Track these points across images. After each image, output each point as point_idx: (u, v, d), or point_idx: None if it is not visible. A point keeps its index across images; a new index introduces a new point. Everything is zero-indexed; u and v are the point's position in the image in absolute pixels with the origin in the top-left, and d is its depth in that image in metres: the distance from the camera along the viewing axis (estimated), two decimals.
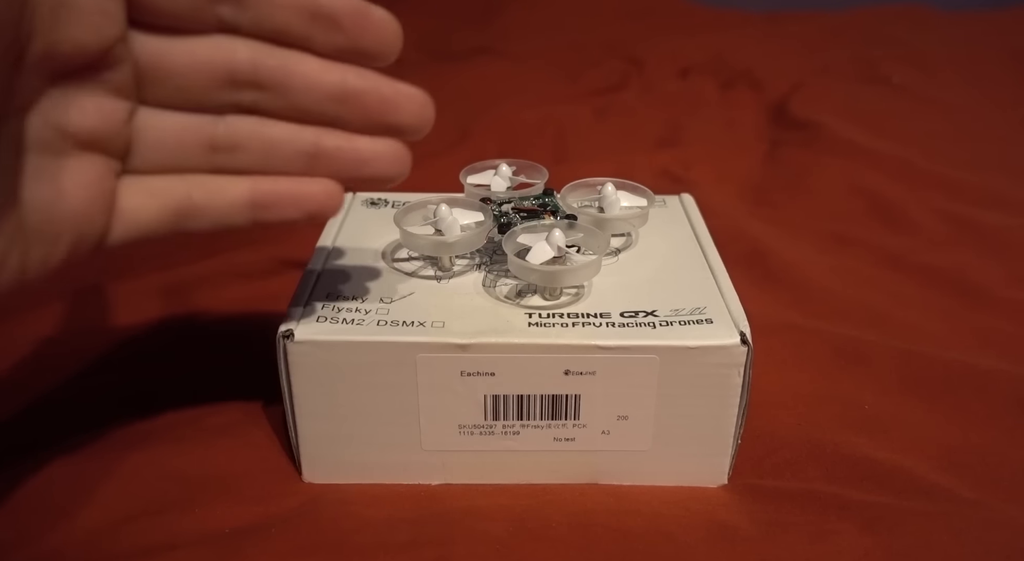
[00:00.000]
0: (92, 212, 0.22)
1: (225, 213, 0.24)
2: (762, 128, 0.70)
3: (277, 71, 0.23)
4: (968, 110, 0.73)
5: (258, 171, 0.24)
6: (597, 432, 0.29)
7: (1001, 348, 0.39)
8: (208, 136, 0.23)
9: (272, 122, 0.24)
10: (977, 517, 0.29)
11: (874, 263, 0.47)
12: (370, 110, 0.23)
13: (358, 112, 0.23)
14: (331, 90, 0.23)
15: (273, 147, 0.24)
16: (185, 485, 0.30)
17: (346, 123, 0.24)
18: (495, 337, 0.27)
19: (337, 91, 0.23)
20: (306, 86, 0.23)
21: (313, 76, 0.23)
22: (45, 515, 0.28)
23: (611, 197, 0.34)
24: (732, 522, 0.29)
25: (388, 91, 0.24)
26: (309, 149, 0.24)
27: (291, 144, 0.24)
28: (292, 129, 0.24)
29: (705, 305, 0.29)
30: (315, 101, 0.23)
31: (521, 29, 0.96)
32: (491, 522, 0.28)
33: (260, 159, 0.24)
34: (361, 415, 0.29)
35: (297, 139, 0.24)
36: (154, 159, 0.23)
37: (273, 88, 0.23)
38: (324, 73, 0.23)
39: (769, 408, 0.34)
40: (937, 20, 1.01)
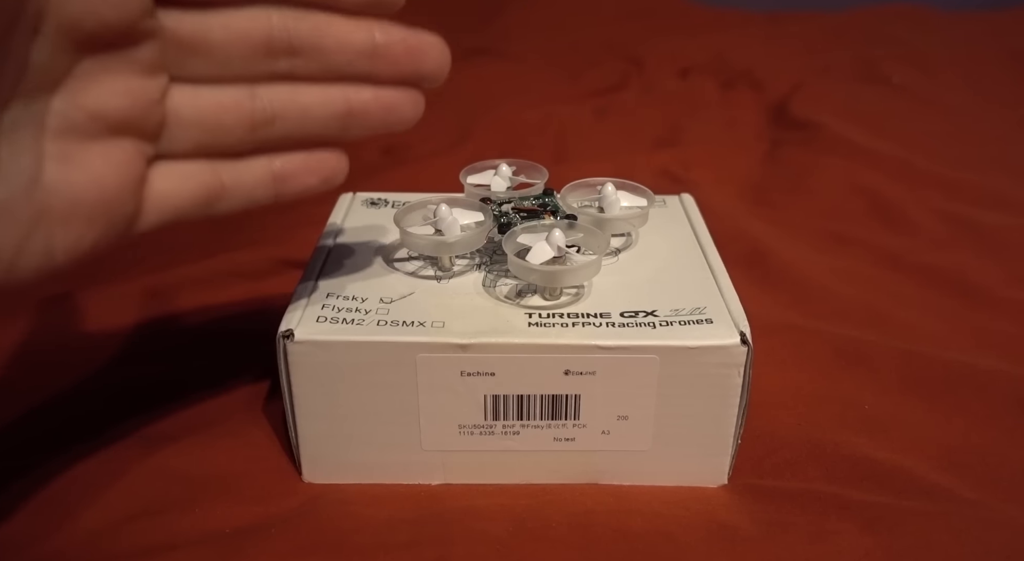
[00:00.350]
0: (123, 197, 0.22)
1: (251, 191, 0.25)
2: (762, 128, 0.70)
3: (312, 34, 0.23)
4: (968, 110, 0.73)
5: (296, 140, 0.24)
6: (597, 432, 0.29)
7: (1001, 348, 0.39)
8: (248, 112, 0.23)
9: (304, 86, 0.24)
10: (977, 517, 0.29)
11: (874, 263, 0.47)
12: (399, 61, 0.24)
13: (388, 65, 0.24)
14: (362, 47, 0.24)
15: (308, 113, 0.24)
16: (185, 485, 0.30)
17: (376, 77, 0.24)
18: (495, 337, 0.27)
19: (368, 47, 0.24)
20: (339, 46, 0.23)
21: (344, 36, 0.23)
22: (45, 515, 0.28)
23: (611, 197, 0.34)
24: (732, 522, 0.29)
25: (414, 40, 0.24)
26: (342, 109, 0.24)
27: (325, 107, 0.24)
28: (323, 91, 0.24)
29: (705, 305, 0.29)
30: (348, 59, 0.24)
31: (521, 29, 0.96)
32: (491, 522, 0.28)
33: (297, 127, 0.24)
34: (361, 415, 0.29)
35: (330, 101, 0.24)
36: (191, 139, 0.23)
37: (308, 52, 0.23)
38: (354, 31, 0.23)
39: (769, 408, 0.34)
40: (937, 20, 1.01)
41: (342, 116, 0.24)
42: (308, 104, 0.24)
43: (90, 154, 0.21)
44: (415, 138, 0.65)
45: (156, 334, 0.40)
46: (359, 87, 0.24)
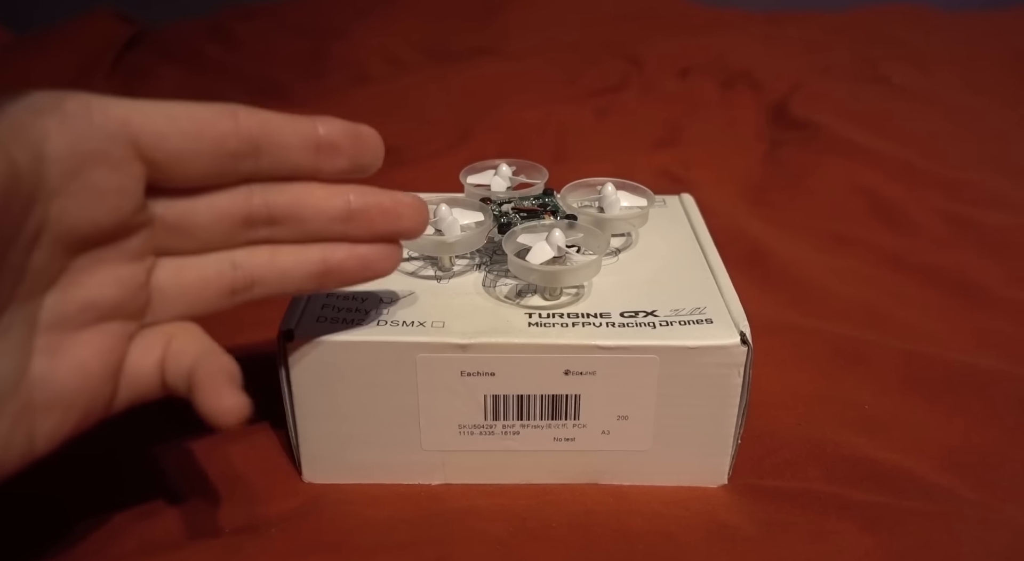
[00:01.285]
0: (105, 381, 0.22)
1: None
2: (762, 128, 0.70)
3: (290, 206, 0.24)
4: (968, 110, 0.73)
5: (274, 296, 0.25)
6: (597, 432, 0.29)
7: (1001, 348, 0.39)
8: (228, 282, 0.24)
9: (282, 249, 0.25)
10: (977, 517, 0.29)
11: (874, 263, 0.47)
12: (374, 224, 0.25)
13: (364, 227, 0.25)
14: (338, 213, 0.25)
15: (287, 274, 0.25)
16: (185, 485, 0.30)
17: (351, 237, 0.25)
18: (495, 337, 0.27)
19: (343, 213, 0.25)
20: (316, 214, 0.24)
21: (321, 204, 0.24)
22: (47, 515, 0.28)
23: (611, 197, 0.34)
24: (732, 522, 0.29)
25: (388, 203, 0.25)
26: (319, 268, 0.25)
27: (303, 267, 0.25)
28: (300, 252, 0.25)
29: (705, 305, 0.29)
30: (324, 225, 0.25)
31: (521, 29, 0.96)
32: (491, 522, 0.28)
33: (276, 288, 0.25)
34: (361, 415, 0.29)
35: (307, 261, 0.25)
36: (174, 309, 0.24)
37: (285, 222, 0.24)
38: (330, 198, 0.25)
39: (769, 408, 0.34)
40: (937, 20, 1.01)
41: (319, 274, 0.25)
42: (286, 266, 0.25)
43: (77, 344, 0.21)
44: (415, 138, 0.65)
45: None
46: (335, 246, 0.25)
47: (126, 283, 0.22)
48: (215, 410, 0.22)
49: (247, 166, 0.23)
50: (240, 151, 0.23)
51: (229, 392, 0.22)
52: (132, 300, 0.22)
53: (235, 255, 0.24)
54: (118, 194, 0.21)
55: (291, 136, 0.24)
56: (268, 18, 0.96)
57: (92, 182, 0.20)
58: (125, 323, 0.23)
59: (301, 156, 0.24)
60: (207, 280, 0.24)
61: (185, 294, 0.24)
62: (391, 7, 1.00)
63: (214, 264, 0.24)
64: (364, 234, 0.25)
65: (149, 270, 0.23)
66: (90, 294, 0.21)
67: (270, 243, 0.25)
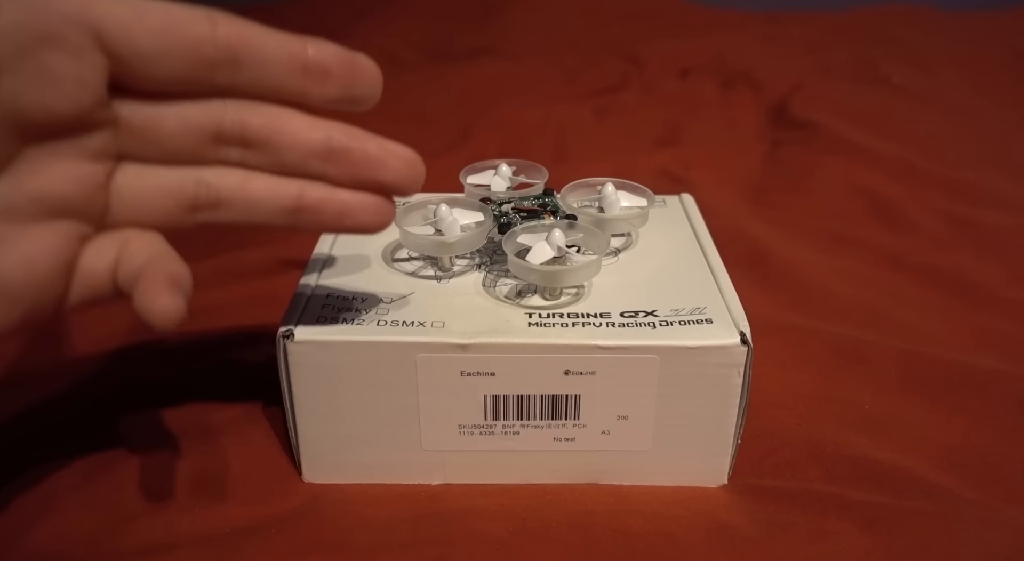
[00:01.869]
0: (53, 280, 0.21)
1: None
2: (762, 128, 0.70)
3: (263, 129, 0.23)
4: (968, 110, 0.73)
5: (243, 225, 0.24)
6: (597, 432, 0.29)
7: (1001, 348, 0.39)
8: (190, 196, 0.23)
9: (256, 176, 0.24)
10: (977, 517, 0.29)
11: (874, 263, 0.47)
12: (355, 167, 0.24)
13: (343, 168, 0.24)
14: (316, 147, 0.23)
15: (256, 203, 0.24)
16: (185, 485, 0.30)
17: (331, 178, 0.24)
18: (495, 337, 0.27)
19: (322, 148, 0.23)
20: (292, 143, 0.23)
21: (299, 133, 0.23)
22: (45, 515, 0.28)
23: (611, 197, 0.34)
24: (732, 522, 0.29)
25: (374, 148, 0.24)
26: (291, 205, 0.24)
27: (274, 200, 0.24)
28: (275, 183, 0.24)
29: (705, 305, 0.29)
30: (300, 157, 0.23)
31: (521, 29, 0.96)
32: (491, 522, 0.28)
33: (243, 215, 0.24)
34: (361, 415, 0.29)
35: (280, 194, 0.24)
36: (129, 216, 0.23)
37: (259, 146, 0.23)
38: (310, 130, 0.23)
39: (769, 408, 0.34)
40: (937, 20, 1.01)
41: (292, 210, 0.24)
42: (257, 194, 0.24)
43: (25, 237, 0.21)
44: (415, 138, 0.64)
45: (155, 333, 0.40)
46: (315, 184, 0.24)
47: (84, 182, 0.21)
48: (148, 308, 0.21)
49: (223, 78, 0.22)
50: (216, 59, 0.21)
51: (167, 293, 0.21)
52: (89, 201, 0.22)
53: (203, 172, 0.23)
54: (76, 83, 0.20)
55: (275, 52, 0.22)
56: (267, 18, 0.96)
57: (47, 65, 0.19)
58: (80, 224, 0.22)
59: (285, 76, 0.22)
60: (168, 190, 0.23)
61: (143, 201, 0.23)
62: (391, 7, 1.00)
63: (178, 176, 0.23)
64: (344, 177, 0.24)
65: (110, 172, 0.22)
66: (42, 187, 0.21)
67: (244, 168, 0.23)
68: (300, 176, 0.24)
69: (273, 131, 0.23)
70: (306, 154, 0.23)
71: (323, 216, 0.24)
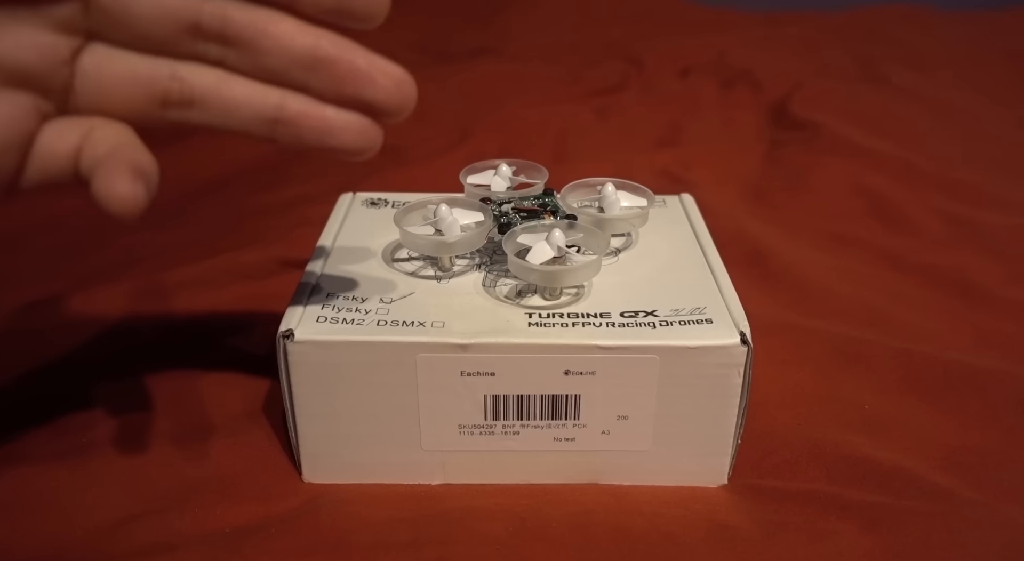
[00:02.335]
0: (7, 150, 0.20)
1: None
2: (762, 128, 0.70)
3: (247, 28, 0.22)
4: (968, 110, 0.73)
5: (218, 129, 0.23)
6: (597, 432, 0.29)
7: (1001, 348, 0.39)
8: (162, 89, 0.22)
9: (235, 78, 0.22)
10: (977, 517, 0.29)
11: (874, 263, 0.47)
12: (341, 80, 0.22)
13: (327, 80, 0.22)
14: (301, 54, 0.22)
15: (232, 107, 0.22)
16: (185, 485, 0.30)
17: (314, 91, 0.22)
18: (495, 337, 0.27)
19: (308, 56, 0.22)
20: (275, 47, 0.22)
21: (284, 37, 0.22)
22: (45, 515, 0.28)
23: (611, 197, 0.34)
24: (732, 522, 0.29)
25: (362, 63, 0.22)
26: (271, 113, 0.22)
27: (251, 107, 0.22)
28: (255, 89, 0.22)
29: (705, 305, 0.29)
30: (283, 64, 0.22)
31: (521, 29, 0.96)
32: (491, 522, 0.28)
33: (218, 118, 0.22)
34: (361, 415, 0.29)
35: (259, 101, 0.22)
36: (95, 101, 0.22)
37: (240, 45, 0.22)
38: (297, 35, 0.22)
39: (769, 408, 0.34)
40: (937, 20, 1.01)
41: (271, 120, 0.23)
42: (235, 97, 0.22)
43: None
44: (415, 138, 0.65)
45: (156, 334, 0.40)
46: (296, 95, 0.22)
47: (45, 52, 0.20)
48: (106, 194, 0.20)
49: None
50: None
51: (129, 179, 0.20)
52: (50, 74, 0.21)
53: (178, 66, 0.22)
54: None
55: None
56: None
57: None
58: (38, 98, 0.21)
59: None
60: (138, 79, 0.22)
61: (111, 86, 0.22)
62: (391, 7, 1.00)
63: (150, 65, 0.22)
64: (328, 91, 0.22)
65: (76, 50, 0.21)
66: (3, 52, 0.20)
67: (223, 69, 0.22)
68: (282, 85, 0.22)
69: (257, 30, 0.22)
70: (290, 60, 0.22)
71: (303, 131, 0.23)
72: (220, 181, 0.59)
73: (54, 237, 0.50)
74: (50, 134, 0.21)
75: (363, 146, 0.23)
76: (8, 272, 0.46)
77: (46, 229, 0.51)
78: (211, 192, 0.57)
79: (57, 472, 0.30)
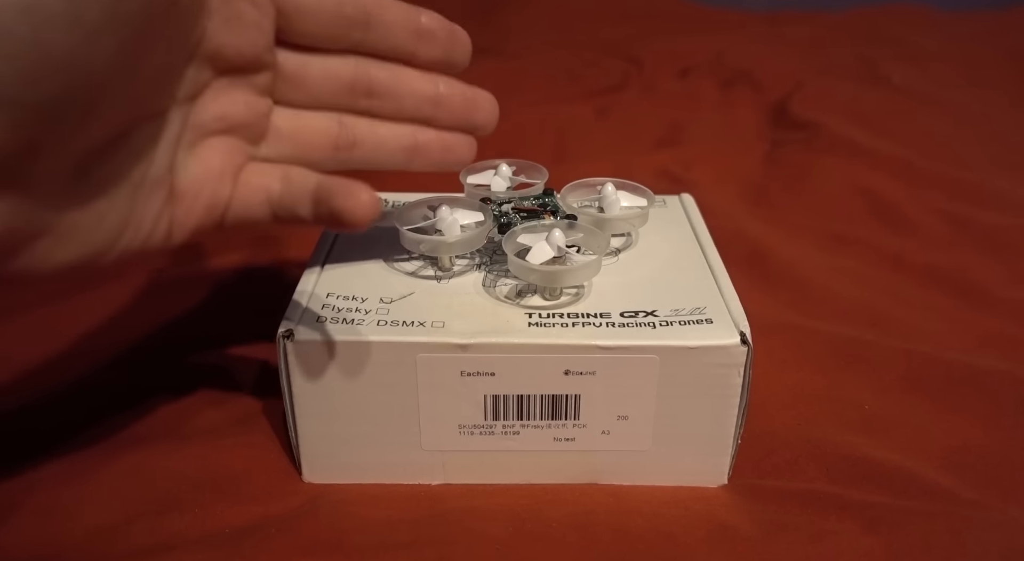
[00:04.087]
0: (223, 179, 0.26)
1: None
2: (762, 128, 0.70)
3: (388, 81, 0.28)
4: (968, 110, 0.73)
5: (371, 165, 0.29)
6: (597, 432, 0.29)
7: (1001, 348, 0.39)
8: (334, 135, 0.28)
9: (380, 122, 0.29)
10: (977, 517, 0.29)
11: (874, 263, 0.47)
12: (457, 110, 0.29)
13: (447, 112, 0.29)
14: (428, 95, 0.29)
15: (383, 143, 0.29)
16: (185, 485, 0.30)
17: (437, 121, 0.29)
18: (495, 337, 0.27)
19: (433, 96, 0.29)
20: (410, 92, 0.29)
21: (416, 85, 0.29)
22: (45, 515, 0.28)
23: (611, 197, 0.34)
24: (732, 522, 0.29)
25: (470, 94, 0.30)
26: (409, 144, 0.29)
27: (396, 140, 0.29)
28: (395, 127, 0.29)
29: (705, 305, 0.29)
30: (415, 105, 0.29)
31: (521, 29, 0.96)
32: (491, 522, 0.28)
33: (372, 154, 0.29)
34: (361, 415, 0.29)
35: (400, 136, 0.29)
36: (285, 150, 0.27)
37: (384, 95, 0.28)
38: (423, 82, 0.29)
39: (769, 408, 0.34)
40: (937, 20, 1.01)
41: (409, 150, 0.29)
42: (383, 136, 0.29)
43: (206, 145, 0.25)
44: None
45: (156, 334, 0.40)
46: (425, 128, 0.29)
47: (252, 108, 0.26)
48: (352, 204, 0.24)
49: (356, 36, 0.27)
50: (354, 19, 0.27)
51: (366, 191, 0.24)
52: (254, 124, 0.26)
53: (341, 116, 0.28)
54: (256, 29, 0.25)
55: (398, 15, 0.27)
56: None
57: (238, 12, 0.24)
58: (244, 142, 0.26)
59: (403, 37, 0.28)
60: (317, 129, 0.28)
61: (297, 137, 0.27)
62: None
63: (323, 118, 0.28)
64: (447, 119, 0.29)
65: (270, 107, 0.27)
66: (224, 108, 0.25)
67: (371, 116, 0.29)
68: (414, 122, 0.29)
69: (396, 82, 0.28)
70: (421, 101, 0.29)
71: (431, 154, 0.29)
72: None
73: None
74: (253, 171, 0.27)
75: (470, 157, 0.31)
76: None
77: None
78: None
79: (57, 472, 0.30)
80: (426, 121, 0.29)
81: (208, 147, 0.25)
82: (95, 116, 0.20)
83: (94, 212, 0.22)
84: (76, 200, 0.21)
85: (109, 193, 0.22)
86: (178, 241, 0.25)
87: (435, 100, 0.29)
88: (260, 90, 0.26)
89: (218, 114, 0.25)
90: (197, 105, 0.25)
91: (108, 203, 0.22)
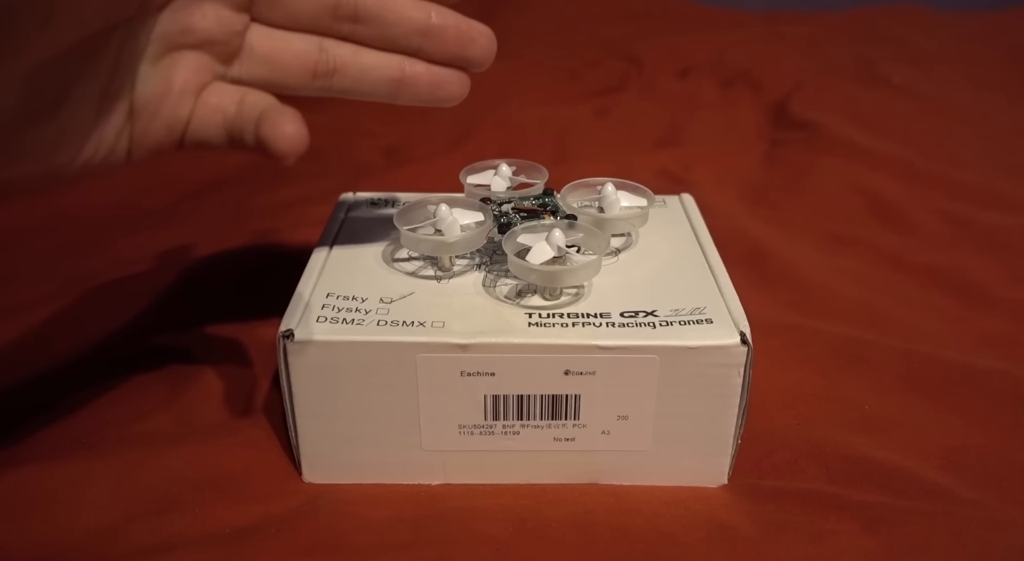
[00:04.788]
0: (185, 95, 0.25)
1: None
2: (762, 128, 0.70)
3: (376, 6, 0.27)
4: (968, 110, 0.73)
5: (354, 95, 0.28)
6: (597, 432, 0.29)
7: (1001, 348, 0.39)
8: (312, 61, 0.27)
9: (365, 50, 0.27)
10: (977, 517, 0.29)
11: (874, 263, 0.47)
12: (449, 43, 0.28)
13: (438, 44, 0.27)
14: (418, 24, 0.27)
15: (366, 72, 0.27)
16: (185, 485, 0.30)
17: (427, 53, 0.28)
18: (495, 337, 0.27)
19: (423, 25, 0.27)
20: (398, 20, 0.27)
21: (406, 12, 0.27)
22: (45, 515, 0.28)
23: (611, 197, 0.34)
24: (732, 522, 0.29)
25: (465, 27, 0.28)
26: (396, 75, 0.28)
27: (381, 70, 0.28)
28: (382, 57, 0.27)
29: (705, 305, 0.29)
30: (404, 34, 0.27)
31: (521, 29, 0.96)
32: (491, 522, 0.28)
33: (354, 83, 0.27)
34: (361, 415, 0.29)
35: (386, 66, 0.27)
36: (258, 72, 0.27)
37: (370, 21, 0.27)
38: (413, 9, 0.27)
39: (769, 408, 0.34)
40: (937, 20, 1.01)
41: (395, 82, 0.28)
42: (367, 65, 0.27)
43: (170, 59, 0.24)
44: (415, 138, 0.65)
45: (155, 333, 0.40)
46: (413, 60, 0.28)
47: (224, 24, 0.25)
48: (275, 133, 0.24)
49: None
50: None
51: (294, 121, 0.24)
52: (225, 41, 0.25)
53: (322, 40, 0.27)
54: None
55: None
56: None
57: None
58: (213, 60, 0.25)
59: None
60: (294, 52, 0.27)
61: (272, 58, 0.26)
62: None
63: (302, 40, 0.27)
64: (438, 53, 0.28)
65: (245, 25, 0.26)
66: (192, 21, 0.24)
67: (356, 43, 0.27)
68: (401, 52, 0.28)
69: (384, 7, 0.27)
70: (410, 30, 0.27)
71: (420, 88, 0.28)
72: (220, 181, 0.59)
73: (54, 237, 0.50)
74: (215, 90, 0.26)
75: (461, 94, 0.29)
76: (8, 272, 0.46)
77: (46, 229, 0.51)
78: (211, 192, 0.57)
79: (57, 472, 0.30)
80: (415, 52, 0.28)
81: (172, 62, 0.24)
82: (54, 23, 0.19)
83: (53, 125, 0.21)
84: (36, 112, 0.21)
85: (70, 106, 0.21)
86: (138, 158, 0.24)
87: (426, 30, 0.27)
88: (235, 5, 0.25)
89: (185, 27, 0.24)
90: (164, 16, 0.24)
91: (68, 116, 0.21)
